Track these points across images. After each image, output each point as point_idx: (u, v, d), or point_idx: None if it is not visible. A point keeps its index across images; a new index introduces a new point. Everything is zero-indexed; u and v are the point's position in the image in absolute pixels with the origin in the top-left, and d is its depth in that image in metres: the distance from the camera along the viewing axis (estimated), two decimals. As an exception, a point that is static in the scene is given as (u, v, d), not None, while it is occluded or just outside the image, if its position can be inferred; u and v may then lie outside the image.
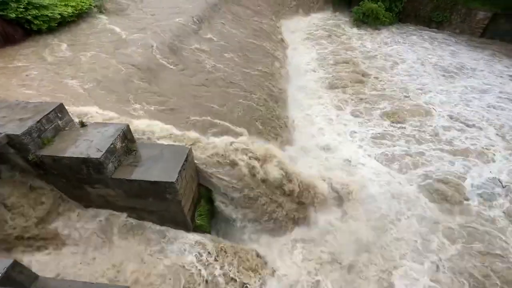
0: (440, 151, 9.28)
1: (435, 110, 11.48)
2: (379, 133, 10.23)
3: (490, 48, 17.39)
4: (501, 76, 14.14)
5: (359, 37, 19.17)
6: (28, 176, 4.68)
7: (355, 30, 20.23)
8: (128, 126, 5.00)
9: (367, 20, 20.10)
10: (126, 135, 4.93)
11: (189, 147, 5.27)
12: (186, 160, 4.88)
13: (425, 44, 18.33)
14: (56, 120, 4.70)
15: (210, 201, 5.97)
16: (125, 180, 4.57)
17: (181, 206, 4.89)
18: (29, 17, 8.83)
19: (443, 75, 14.37)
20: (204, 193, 5.92)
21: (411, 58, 16.45)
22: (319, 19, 21.92)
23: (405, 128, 10.50)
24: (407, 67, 15.39)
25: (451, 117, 10.97)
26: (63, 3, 10.15)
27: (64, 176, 4.64)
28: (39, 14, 9.06)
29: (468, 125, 10.49)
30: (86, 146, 4.45)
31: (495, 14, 18.06)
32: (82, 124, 4.92)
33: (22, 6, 8.64)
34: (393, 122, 10.78)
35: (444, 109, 11.54)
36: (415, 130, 10.37)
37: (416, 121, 10.83)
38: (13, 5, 8.48)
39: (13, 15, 8.45)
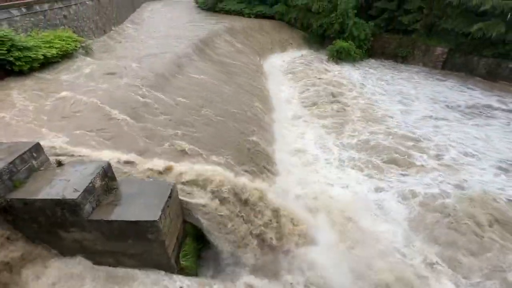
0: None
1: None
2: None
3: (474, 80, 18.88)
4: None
5: (339, 71, 20.71)
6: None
7: (334, 65, 21.87)
8: (109, 163, 4.84)
9: (341, 56, 22.04)
10: (107, 173, 4.73)
11: (173, 182, 5.11)
12: (170, 197, 4.69)
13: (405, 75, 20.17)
14: (30, 160, 4.47)
15: (197, 238, 5.65)
16: (104, 221, 4.27)
17: (164, 246, 4.57)
18: (11, 58, 8.83)
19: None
20: (190, 230, 5.61)
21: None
22: (298, 56, 23.64)
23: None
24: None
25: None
26: (48, 45, 10.33)
27: (36, 221, 4.27)
28: (22, 56, 9.10)
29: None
30: (62, 186, 4.20)
31: (450, 49, 20.41)
32: (59, 163, 4.70)
33: (5, 48, 8.68)
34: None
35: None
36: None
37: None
38: (-4, 47, 8.52)
39: (-6, 57, 8.45)
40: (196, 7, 36.16)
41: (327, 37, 24.29)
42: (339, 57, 22.13)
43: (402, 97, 16.61)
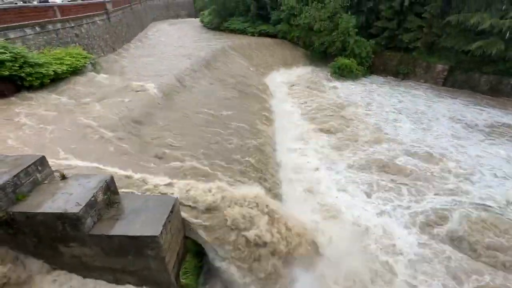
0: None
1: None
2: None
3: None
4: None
5: (345, 87, 20.84)
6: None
7: (338, 81, 22.14)
8: (112, 177, 4.84)
9: (343, 73, 22.46)
10: (110, 187, 4.73)
11: (176, 196, 5.08)
12: (171, 211, 4.64)
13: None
14: (35, 173, 4.50)
15: (197, 255, 5.51)
16: (104, 236, 4.21)
17: (164, 263, 4.46)
18: (22, 74, 9.14)
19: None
20: (191, 246, 5.49)
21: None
22: (301, 73, 23.96)
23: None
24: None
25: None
26: (59, 62, 10.70)
27: (36, 235, 4.23)
28: (33, 72, 9.42)
29: None
30: (65, 200, 4.19)
31: (450, 66, 20.69)
32: (63, 177, 4.72)
33: (17, 65, 9.01)
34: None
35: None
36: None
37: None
38: (9, 64, 8.82)
39: (6, 73, 8.73)
40: (201, 26, 37.58)
41: (329, 54, 24.84)
42: (341, 73, 22.55)
43: (419, 115, 16.13)
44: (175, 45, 23.86)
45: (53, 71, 10.11)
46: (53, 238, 4.23)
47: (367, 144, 12.55)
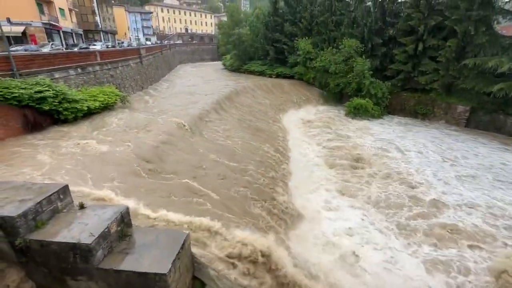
0: None
1: None
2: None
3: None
4: None
5: (369, 130, 19.96)
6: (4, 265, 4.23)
7: (358, 121, 21.87)
8: (127, 208, 4.87)
9: (359, 112, 22.54)
10: (124, 219, 4.73)
11: (187, 232, 4.95)
12: (182, 248, 4.49)
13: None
14: (56, 201, 4.63)
15: (205, 299, 5.13)
16: (112, 271, 4.08)
17: (170, 306, 4.17)
18: (60, 109, 10.08)
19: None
20: (199, 288, 5.14)
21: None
22: (317, 112, 24.42)
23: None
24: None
25: None
26: (93, 98, 11.78)
27: (47, 265, 4.19)
28: (70, 107, 10.37)
29: None
30: (80, 230, 4.21)
31: (472, 107, 20.25)
32: (81, 206, 4.82)
33: (57, 101, 10.01)
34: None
35: None
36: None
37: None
38: (50, 99, 9.81)
39: (47, 108, 9.67)
40: (223, 69, 40.97)
41: (345, 94, 25.44)
42: (356, 113, 22.67)
43: (491, 173, 13.05)
44: (198, 84, 25.68)
45: (87, 106, 11.08)
46: (63, 269, 4.16)
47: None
